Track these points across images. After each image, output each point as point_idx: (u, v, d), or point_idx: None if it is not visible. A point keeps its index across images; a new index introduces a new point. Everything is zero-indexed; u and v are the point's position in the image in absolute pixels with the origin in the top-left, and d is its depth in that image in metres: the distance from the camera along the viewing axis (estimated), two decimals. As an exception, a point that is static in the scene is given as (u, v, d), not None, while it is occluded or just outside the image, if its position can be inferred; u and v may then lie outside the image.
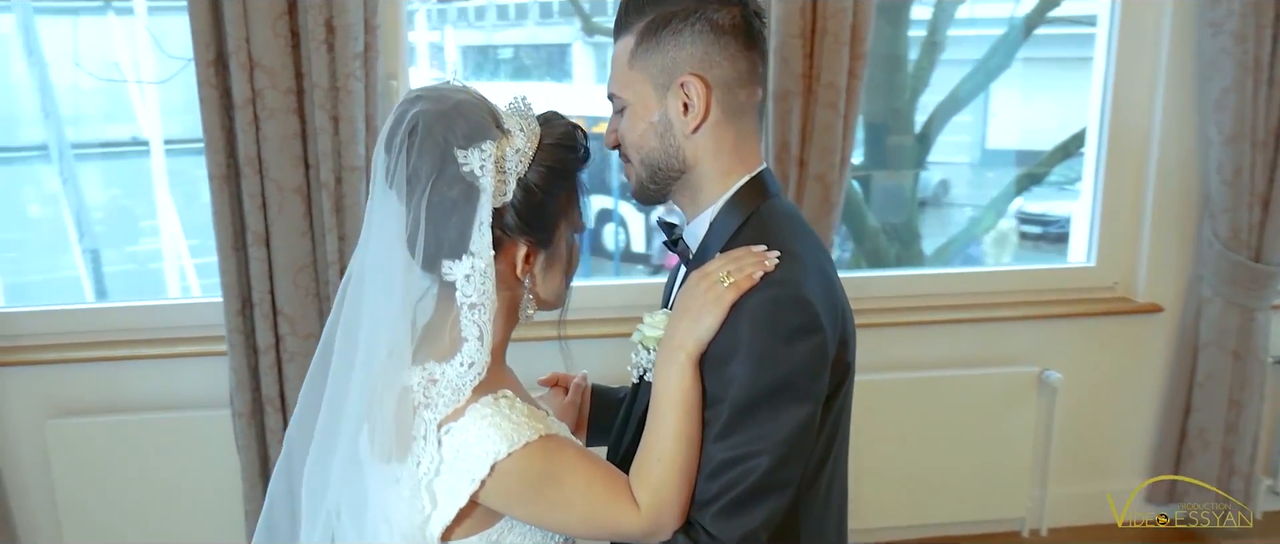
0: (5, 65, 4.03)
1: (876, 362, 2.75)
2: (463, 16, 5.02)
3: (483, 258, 1.11)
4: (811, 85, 2.46)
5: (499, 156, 1.12)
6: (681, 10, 1.19)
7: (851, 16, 2.43)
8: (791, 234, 1.20)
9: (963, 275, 2.93)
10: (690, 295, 1.15)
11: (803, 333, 1.11)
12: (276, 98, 2.26)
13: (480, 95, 1.17)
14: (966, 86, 3.69)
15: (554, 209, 1.18)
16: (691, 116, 1.20)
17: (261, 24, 2.23)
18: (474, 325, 1.12)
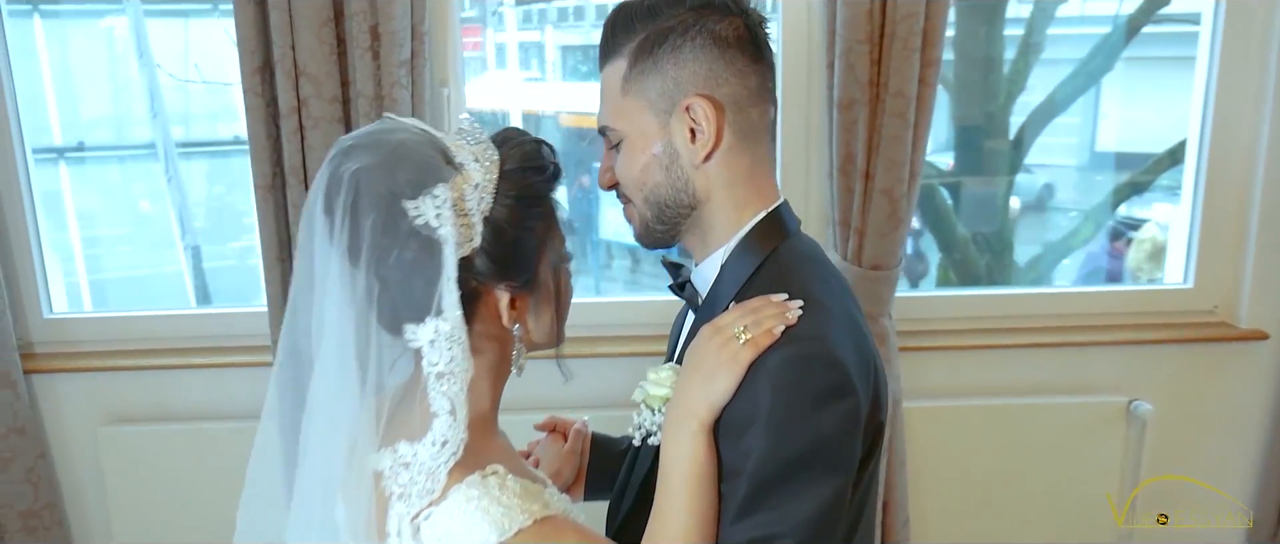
0: (118, 66, 4.14)
1: (950, 386, 2.59)
2: (562, 17, 4.99)
3: (449, 319, 0.97)
4: (879, 94, 2.31)
5: (456, 198, 0.98)
6: (678, 24, 1.07)
7: (923, 20, 2.27)
8: (815, 278, 1.08)
9: (1044, 296, 2.73)
10: (701, 353, 1.03)
11: (832, 396, 0.98)
12: (321, 106, 2.22)
13: (423, 130, 1.04)
14: (1067, 89, 3.50)
15: (531, 242, 1.05)
16: (701, 143, 1.07)
17: (306, 31, 2.19)
18: (443, 398, 0.98)
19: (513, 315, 1.06)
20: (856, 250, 2.37)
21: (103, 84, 4.20)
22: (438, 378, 0.99)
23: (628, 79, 1.09)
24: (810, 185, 2.51)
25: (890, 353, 2.41)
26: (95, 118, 4.24)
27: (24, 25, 4.39)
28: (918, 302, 2.60)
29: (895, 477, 2.48)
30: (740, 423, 0.99)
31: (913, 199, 2.37)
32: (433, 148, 1.01)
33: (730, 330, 1.01)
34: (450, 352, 0.98)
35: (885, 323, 2.41)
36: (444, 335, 0.98)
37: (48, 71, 4.25)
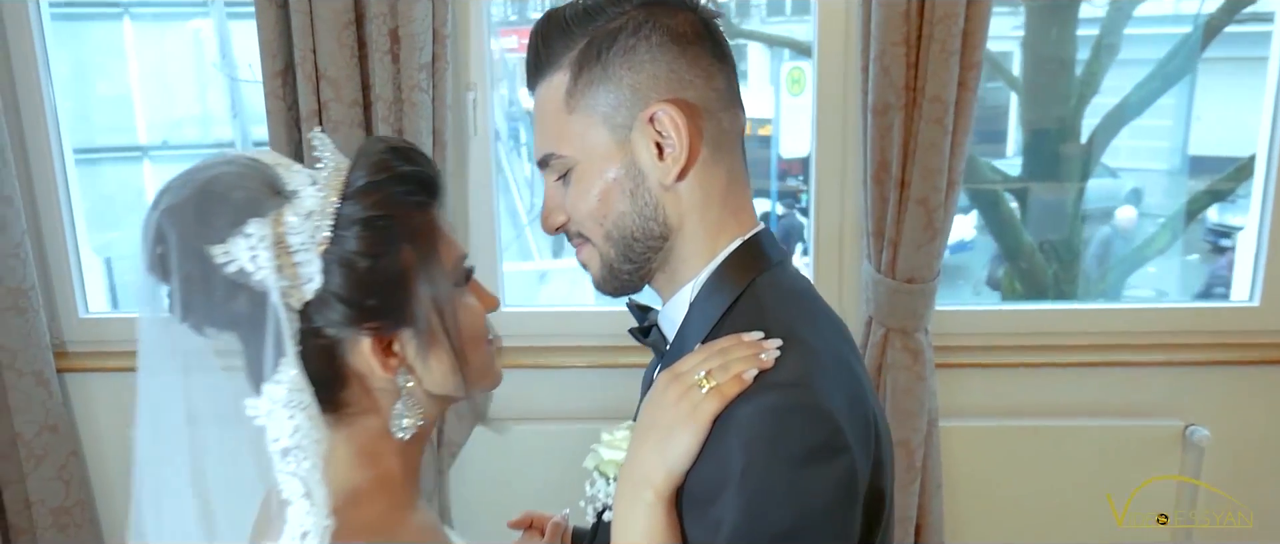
0: (204, 67, 4.24)
1: (990, 406, 2.47)
2: None
3: (283, 381, 0.81)
4: (915, 99, 2.21)
5: (279, 234, 0.82)
6: (627, 21, 0.91)
7: (963, 22, 2.16)
8: (799, 316, 0.91)
9: (1092, 312, 2.59)
10: (656, 407, 0.86)
11: (819, 455, 0.80)
12: (341, 110, 2.20)
13: (249, 159, 0.87)
14: (1143, 91, 3.35)
15: (394, 270, 0.86)
16: (672, 158, 0.91)
17: (327, 34, 2.16)
18: (293, 480, 0.81)
19: (389, 364, 0.88)
20: (890, 262, 2.26)
21: (189, 84, 4.30)
22: (283, 456, 0.82)
23: (572, 94, 0.92)
24: (845, 194, 2.41)
25: (925, 370, 2.30)
26: (182, 117, 4.34)
27: (113, 27, 4.52)
28: (956, 316, 2.48)
29: (929, 500, 2.37)
30: (707, 491, 0.83)
31: (950, 209, 2.26)
32: (255, 179, 0.85)
33: (691, 377, 0.84)
34: (293, 422, 0.81)
35: (920, 338, 2.30)
36: (281, 403, 0.81)
37: (136, 71, 4.36)
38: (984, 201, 3.41)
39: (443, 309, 0.89)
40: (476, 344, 0.94)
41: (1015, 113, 3.98)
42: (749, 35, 4.44)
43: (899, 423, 2.30)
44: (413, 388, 0.90)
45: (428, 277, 0.88)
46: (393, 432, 0.90)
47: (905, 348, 2.29)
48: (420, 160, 0.91)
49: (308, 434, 0.82)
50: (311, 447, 0.82)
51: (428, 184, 0.90)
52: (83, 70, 4.56)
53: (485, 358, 0.96)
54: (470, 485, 2.43)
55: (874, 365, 2.31)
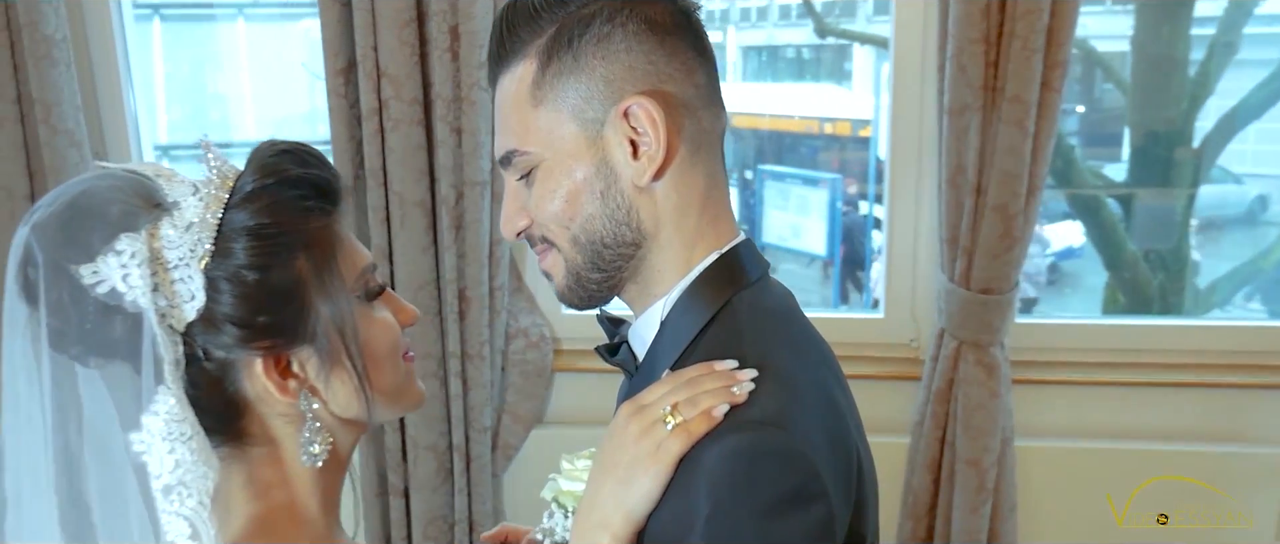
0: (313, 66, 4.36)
1: (1071, 425, 2.32)
2: (745, 17, 4.92)
3: (160, 412, 0.75)
4: (995, 99, 2.08)
5: (153, 250, 0.76)
6: (601, 8, 0.83)
7: (1047, 17, 2.02)
8: (779, 341, 0.84)
9: (1186, 329, 2.41)
10: (618, 443, 0.80)
11: (794, 503, 0.74)
12: (401, 108, 2.18)
13: (129, 171, 0.81)
14: (1264, 93, 3.14)
15: (286, 283, 0.80)
16: (647, 156, 0.83)
17: (388, 32, 2.16)
18: (179, 520, 0.75)
19: (290, 385, 0.82)
20: (965, 272, 2.14)
21: (299, 82, 4.43)
22: (165, 495, 0.75)
23: (538, 84, 0.84)
24: (920, 200, 2.30)
25: (1000, 386, 2.17)
26: (288, 115, 4.47)
27: (228, 29, 4.67)
28: (1035, 329, 2.34)
29: (1001, 524, 2.24)
30: (670, 537, 0.76)
31: (1031, 217, 2.12)
32: (130, 191, 0.79)
33: (655, 412, 0.78)
34: (173, 456, 0.75)
35: (996, 352, 2.17)
36: (160, 435, 0.75)
37: (247, 70, 4.50)
38: (1085, 208, 3.24)
39: (342, 325, 0.83)
40: (387, 362, 0.87)
41: (1121, 115, 3.80)
42: (838, 33, 4.31)
43: (970, 441, 2.18)
44: (318, 411, 0.83)
45: (324, 290, 0.82)
46: (301, 461, 0.83)
47: (979, 362, 2.16)
48: (316, 163, 0.84)
49: (191, 470, 0.76)
50: (196, 482, 0.76)
51: (323, 188, 0.83)
52: (198, 69, 4.74)
53: (398, 377, 0.89)
54: (526, 489, 2.40)
55: (945, 380, 2.19)
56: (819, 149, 5.08)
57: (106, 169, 0.82)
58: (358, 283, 0.86)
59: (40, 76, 2.26)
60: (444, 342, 2.28)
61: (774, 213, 4.60)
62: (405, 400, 0.90)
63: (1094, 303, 4.04)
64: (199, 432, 0.78)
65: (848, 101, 4.87)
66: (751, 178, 4.73)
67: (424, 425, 2.29)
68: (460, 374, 2.27)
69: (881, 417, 2.34)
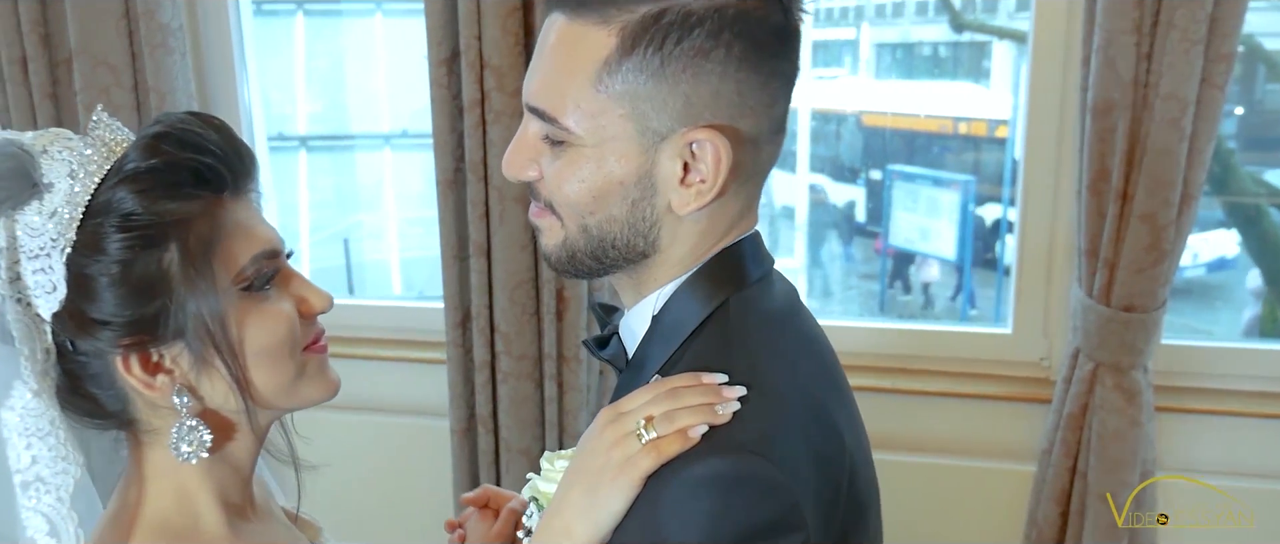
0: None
1: (1225, 461, 2.10)
2: (880, 13, 4.80)
3: (16, 408, 0.73)
4: (1146, 96, 1.88)
5: (11, 237, 0.73)
6: (710, 17, 0.73)
7: (1211, 6, 1.81)
8: (773, 352, 0.79)
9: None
10: (591, 449, 0.76)
11: (768, 535, 0.70)
12: (503, 100, 2.12)
13: (16, 145, 0.77)
14: None
15: (151, 275, 0.75)
16: (696, 191, 0.77)
17: (492, 22, 2.09)
18: (36, 516, 0.73)
19: (160, 382, 0.78)
20: (1105, 287, 1.94)
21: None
22: (24, 489, 0.74)
23: (610, 69, 0.74)
24: (1057, 205, 2.11)
25: (1141, 414, 1.96)
26: (418, 108, 4.55)
27: (365, 23, 4.77)
28: (1184, 352, 2.12)
29: (1139, 566, 2.03)
30: None
31: (1184, 229, 1.92)
32: (10, 171, 0.75)
33: (630, 423, 0.73)
34: (30, 452, 0.73)
35: (1138, 377, 1.97)
36: (16, 430, 0.73)
37: (383, 63, 4.59)
38: (1244, 217, 2.97)
39: (210, 322, 0.77)
40: (272, 357, 0.82)
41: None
42: (976, 27, 4.09)
43: (1104, 472, 1.98)
44: (192, 407, 0.79)
45: (193, 284, 0.76)
46: (174, 457, 0.79)
47: (1117, 387, 1.96)
48: (205, 143, 0.78)
49: (49, 465, 0.74)
50: (55, 479, 0.74)
51: (204, 173, 0.77)
52: (336, 63, 4.84)
53: (288, 372, 0.83)
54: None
55: (1078, 404, 2.00)
56: (951, 150, 4.86)
57: (5, 138, 0.78)
58: (245, 272, 0.80)
59: (155, 65, 2.28)
60: (540, 343, 2.21)
61: (902, 214, 4.44)
62: (305, 393, 0.85)
63: (1239, 320, 3.74)
64: (59, 428, 0.75)
65: (985, 100, 4.65)
66: (879, 178, 4.57)
67: (518, 429, 2.22)
68: (556, 377, 2.19)
69: (1004, 440, 2.17)
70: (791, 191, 4.19)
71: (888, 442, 2.10)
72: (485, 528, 1.09)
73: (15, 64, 2.31)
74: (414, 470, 2.44)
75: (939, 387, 2.19)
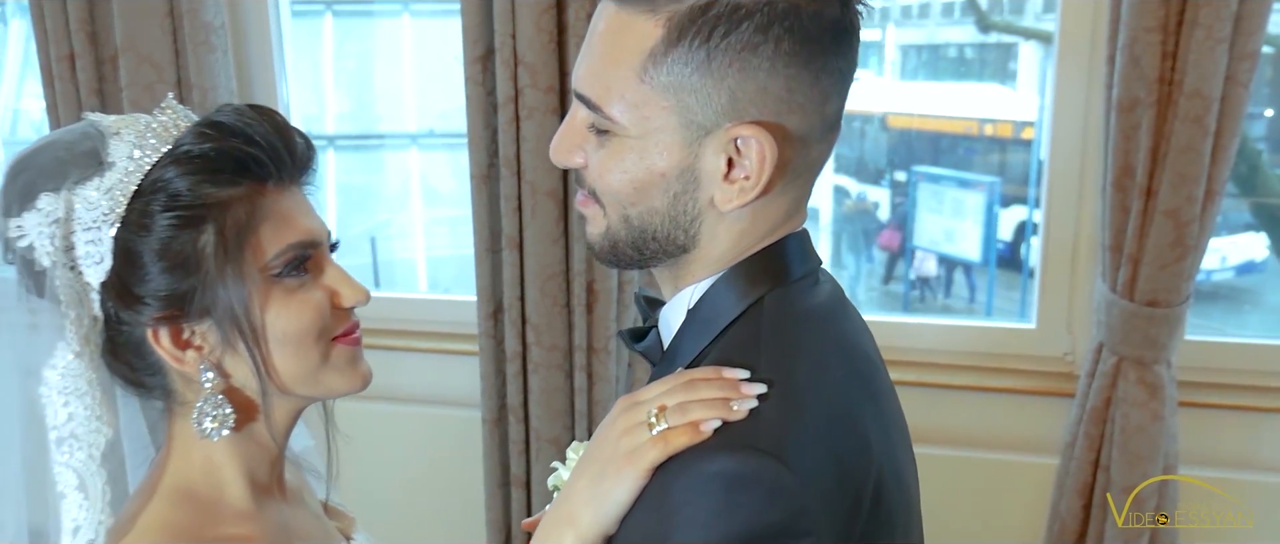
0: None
1: (1248, 457, 2.12)
2: (906, 14, 4.81)
3: (58, 368, 0.78)
4: (1171, 94, 1.90)
5: (67, 210, 0.77)
6: (759, 6, 0.71)
7: (1235, 5, 1.84)
8: (803, 351, 0.76)
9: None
10: (603, 437, 0.74)
11: (771, 539, 0.67)
12: (536, 96, 2.16)
13: (95, 127, 0.82)
14: None
15: (187, 255, 0.79)
16: (740, 188, 0.75)
17: (526, 18, 2.13)
18: (67, 471, 0.78)
19: (187, 357, 0.82)
20: (1128, 282, 1.97)
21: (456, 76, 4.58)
22: (58, 445, 0.78)
23: (656, 61, 0.72)
24: (1083, 203, 2.13)
25: (1164, 408, 1.98)
26: (446, 109, 4.61)
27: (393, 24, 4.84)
28: (1208, 348, 2.13)
29: (1161, 561, 2.05)
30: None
31: (1207, 225, 1.93)
32: (78, 147, 0.80)
33: (643, 412, 0.72)
34: (67, 409, 0.78)
35: (1161, 371, 1.99)
36: (56, 389, 0.78)
37: (410, 64, 4.64)
38: (1272, 219, 2.98)
39: (236, 303, 0.81)
40: (298, 345, 0.84)
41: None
42: (1001, 28, 4.10)
43: (1127, 467, 2.00)
44: (218, 384, 0.82)
45: (225, 267, 0.80)
46: (196, 430, 0.83)
47: (1140, 381, 1.98)
48: (254, 133, 0.81)
49: (84, 424, 0.79)
50: (88, 437, 0.79)
51: (249, 163, 0.81)
52: (365, 63, 4.90)
53: (312, 361, 0.85)
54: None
55: (1101, 398, 2.02)
56: (977, 151, 4.87)
57: (89, 120, 0.83)
58: (279, 258, 0.83)
59: (198, 62, 2.34)
60: (570, 334, 2.25)
61: (927, 216, 4.45)
62: (331, 383, 0.87)
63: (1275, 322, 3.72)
64: (96, 388, 0.80)
65: (1011, 102, 4.66)
66: (904, 180, 4.58)
67: (547, 419, 2.27)
68: (586, 368, 2.24)
69: (1029, 434, 2.19)
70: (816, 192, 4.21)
71: (913, 435, 2.13)
72: None
73: (63, 61, 2.38)
74: (446, 459, 2.49)
75: (964, 381, 2.22)
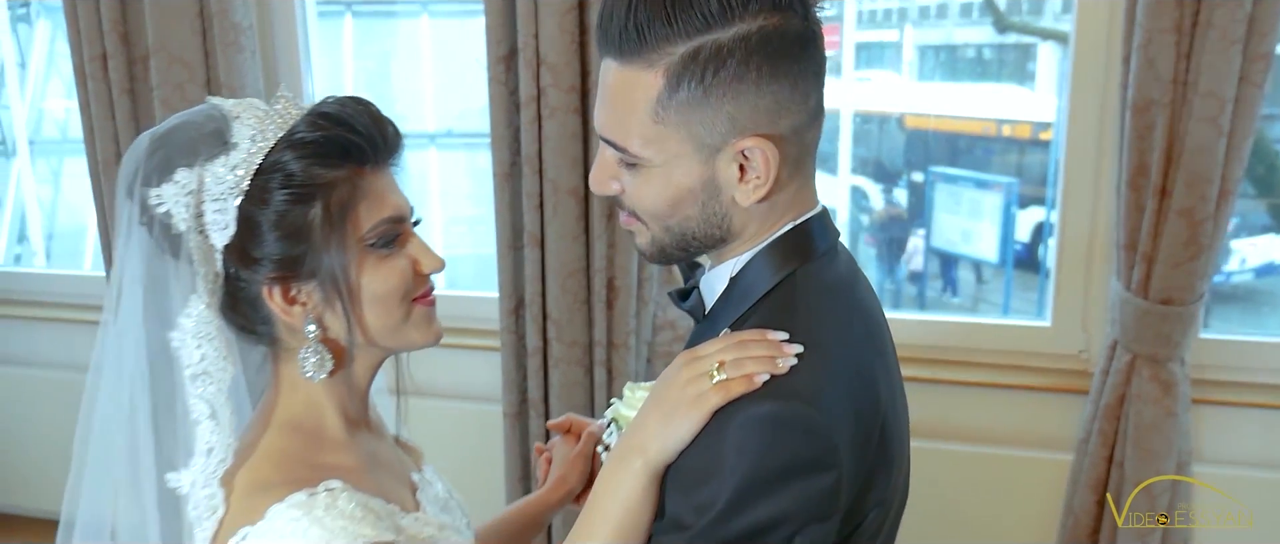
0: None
1: (1262, 454, 2.13)
2: (923, 15, 4.82)
3: (192, 315, 0.92)
4: (1185, 94, 1.93)
5: (199, 183, 0.91)
6: (737, 47, 0.85)
7: (1249, 5, 1.86)
8: (830, 318, 0.92)
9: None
10: (668, 385, 0.89)
11: (806, 469, 0.83)
12: (558, 96, 2.20)
13: (219, 110, 0.95)
14: None
15: (298, 226, 0.93)
16: (754, 185, 0.90)
17: (550, 19, 2.17)
18: (200, 402, 0.92)
19: (294, 311, 0.96)
20: (1143, 280, 1.99)
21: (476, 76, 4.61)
22: (193, 380, 0.92)
23: (664, 106, 0.87)
24: (1098, 200, 2.15)
25: (1177, 405, 2.01)
26: (464, 109, 4.66)
27: (412, 25, 4.88)
28: (1222, 346, 2.15)
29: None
30: (696, 475, 0.86)
31: (1221, 224, 1.96)
32: (207, 127, 0.94)
33: (705, 366, 0.87)
34: (200, 350, 0.92)
35: (1174, 369, 2.01)
36: (190, 334, 0.92)
37: (429, 65, 4.69)
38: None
39: (337, 267, 0.94)
40: (384, 304, 0.98)
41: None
42: (1018, 28, 4.10)
43: (1140, 463, 2.02)
44: (319, 334, 0.96)
45: (329, 237, 0.93)
46: (299, 372, 0.97)
47: (1154, 378, 2.00)
48: (357, 123, 0.94)
49: (214, 363, 0.92)
50: (218, 374, 0.92)
51: (351, 149, 0.94)
52: (383, 63, 4.94)
53: (396, 317, 0.99)
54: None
55: (1115, 395, 2.04)
56: (995, 152, 4.87)
57: (213, 104, 0.96)
58: (373, 231, 0.96)
59: (227, 62, 2.39)
60: (591, 330, 2.29)
61: (944, 216, 4.45)
62: (410, 337, 1.01)
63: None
64: (224, 334, 0.94)
65: (1029, 103, 4.66)
66: (922, 180, 4.59)
67: (566, 411, 2.30)
68: (605, 363, 2.27)
69: (1043, 430, 2.22)
70: (833, 193, 4.22)
71: (929, 430, 2.16)
72: (568, 448, 1.26)
73: (96, 61, 2.43)
74: (467, 453, 2.53)
75: (979, 377, 2.24)
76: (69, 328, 2.85)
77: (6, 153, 3.75)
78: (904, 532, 1.06)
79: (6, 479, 3.00)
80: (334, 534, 0.88)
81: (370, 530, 0.90)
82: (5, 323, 2.94)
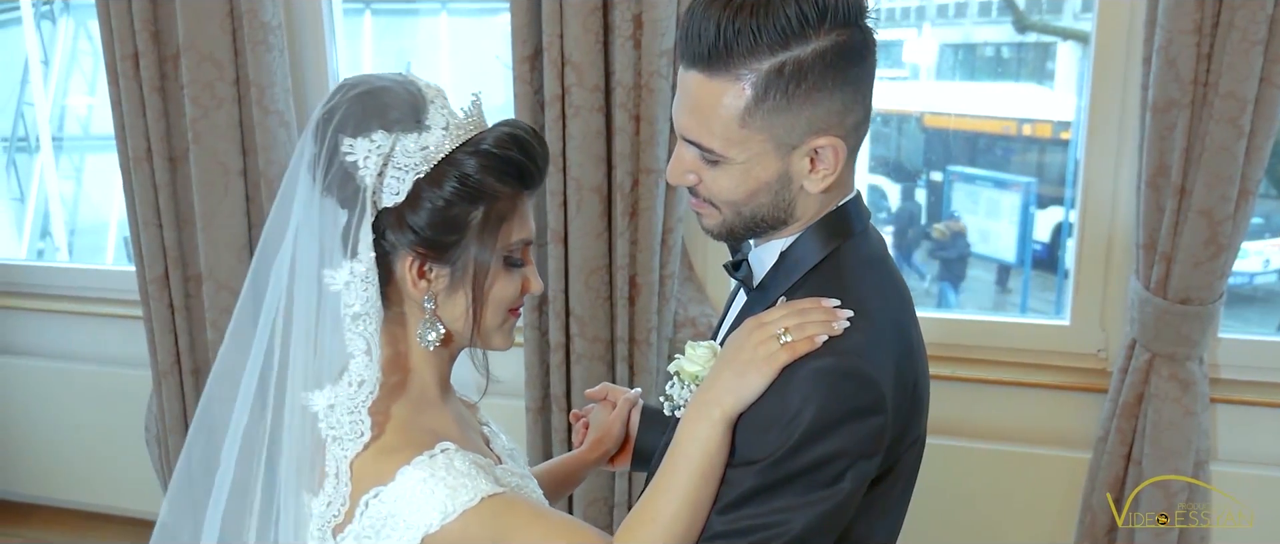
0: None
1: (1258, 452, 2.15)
2: (942, 14, 4.83)
3: (363, 261, 1.03)
4: (1206, 95, 1.94)
5: (391, 149, 1.02)
6: (816, 61, 0.98)
7: (1271, 7, 1.87)
8: (871, 288, 1.07)
9: None
10: (740, 346, 1.03)
11: (860, 414, 0.99)
12: (583, 95, 2.23)
13: (416, 87, 1.07)
14: None
15: (458, 220, 1.05)
16: (823, 176, 1.04)
17: (574, 19, 2.20)
18: (359, 338, 1.03)
19: (416, 280, 1.07)
20: (1162, 280, 2.01)
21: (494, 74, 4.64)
22: (353, 319, 1.03)
23: (751, 114, 1.00)
24: (1117, 199, 2.17)
25: (1196, 404, 2.02)
26: (489, 106, 4.69)
27: (432, 22, 4.91)
28: (1241, 345, 2.16)
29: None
30: (766, 421, 1.00)
31: (1241, 223, 1.97)
32: (406, 103, 1.04)
33: (772, 329, 1.00)
34: (365, 293, 1.03)
35: (1193, 368, 2.02)
36: (359, 277, 1.03)
37: (447, 62, 4.72)
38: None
39: (479, 268, 1.07)
40: (495, 308, 1.10)
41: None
42: (1038, 28, 4.10)
43: (1158, 461, 2.04)
44: (432, 310, 1.08)
45: (481, 239, 1.06)
46: (417, 340, 1.09)
47: (1173, 377, 2.02)
48: (535, 154, 1.07)
49: (372, 304, 1.04)
50: (375, 315, 1.04)
51: (525, 175, 1.07)
52: (403, 61, 4.98)
53: (496, 322, 1.12)
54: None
55: (1134, 394, 2.06)
56: (1014, 151, 4.86)
57: (409, 77, 1.08)
58: (509, 247, 1.09)
59: (256, 60, 2.42)
60: (613, 326, 2.32)
61: (963, 216, 4.46)
62: (496, 340, 1.14)
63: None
64: (377, 283, 1.05)
65: (1049, 102, 4.66)
66: (940, 179, 4.59)
67: (590, 407, 2.33)
68: (627, 359, 2.30)
69: (1062, 428, 2.23)
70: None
71: (949, 427, 2.18)
72: (605, 413, 1.38)
73: (128, 59, 2.48)
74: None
75: (999, 376, 2.26)
76: (91, 321, 2.88)
77: (30, 149, 3.81)
78: (924, 529, 1.14)
79: (26, 469, 3.06)
80: (455, 491, 1.00)
81: (485, 485, 1.01)
82: (28, 316, 2.97)
